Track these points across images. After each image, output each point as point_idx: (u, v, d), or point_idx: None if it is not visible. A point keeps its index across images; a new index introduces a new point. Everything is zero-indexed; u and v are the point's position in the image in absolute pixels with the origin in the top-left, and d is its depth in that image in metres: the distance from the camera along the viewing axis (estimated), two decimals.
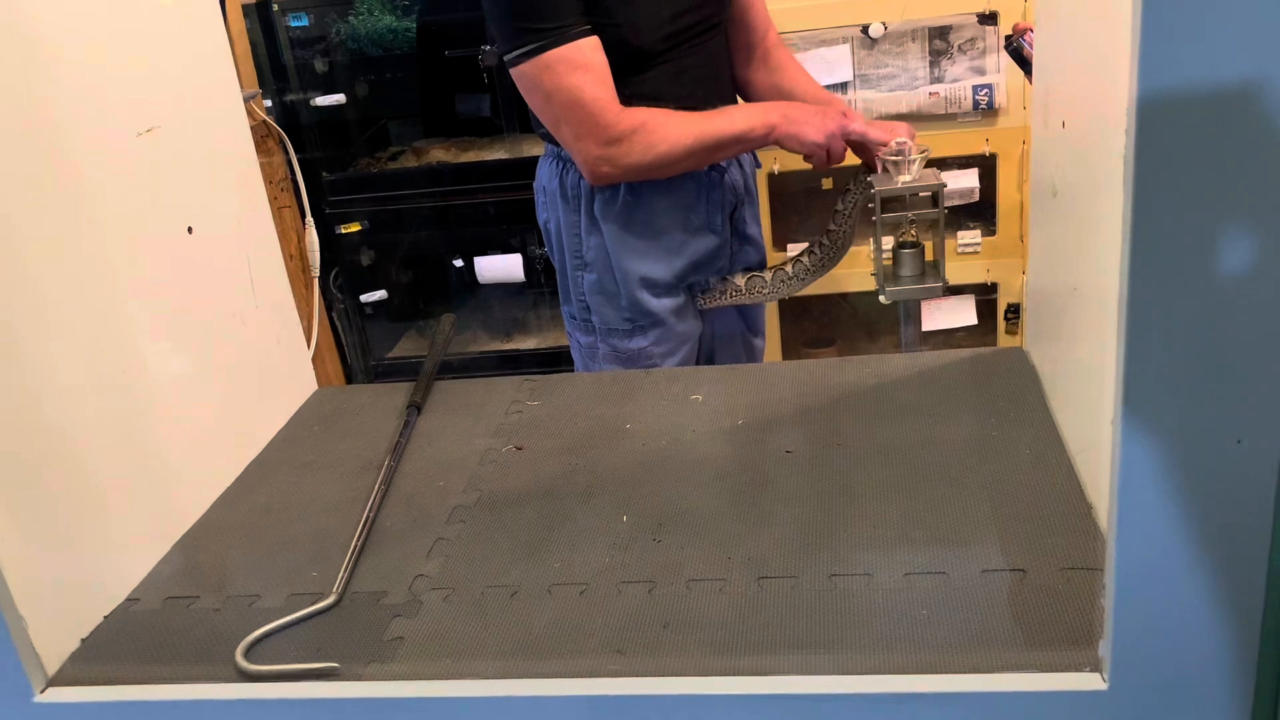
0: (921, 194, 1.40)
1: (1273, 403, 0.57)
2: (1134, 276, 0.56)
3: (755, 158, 1.69)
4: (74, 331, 0.86)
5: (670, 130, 1.43)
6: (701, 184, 1.54)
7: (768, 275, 1.58)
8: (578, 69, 1.38)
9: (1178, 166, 0.54)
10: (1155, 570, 0.61)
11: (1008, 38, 1.68)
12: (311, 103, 2.55)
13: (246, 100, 1.75)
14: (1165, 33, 0.52)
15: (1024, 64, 1.65)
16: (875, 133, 1.44)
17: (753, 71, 1.66)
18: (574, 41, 1.38)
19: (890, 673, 0.69)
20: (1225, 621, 0.62)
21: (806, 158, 1.49)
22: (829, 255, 1.55)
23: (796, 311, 2.40)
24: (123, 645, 0.83)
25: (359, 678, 0.76)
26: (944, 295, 1.53)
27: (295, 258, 2.43)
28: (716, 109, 1.50)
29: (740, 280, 1.59)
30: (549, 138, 1.57)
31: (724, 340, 1.72)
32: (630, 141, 1.41)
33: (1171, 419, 0.58)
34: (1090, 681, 0.66)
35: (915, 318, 1.61)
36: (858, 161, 1.53)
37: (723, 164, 1.56)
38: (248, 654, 0.79)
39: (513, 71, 1.42)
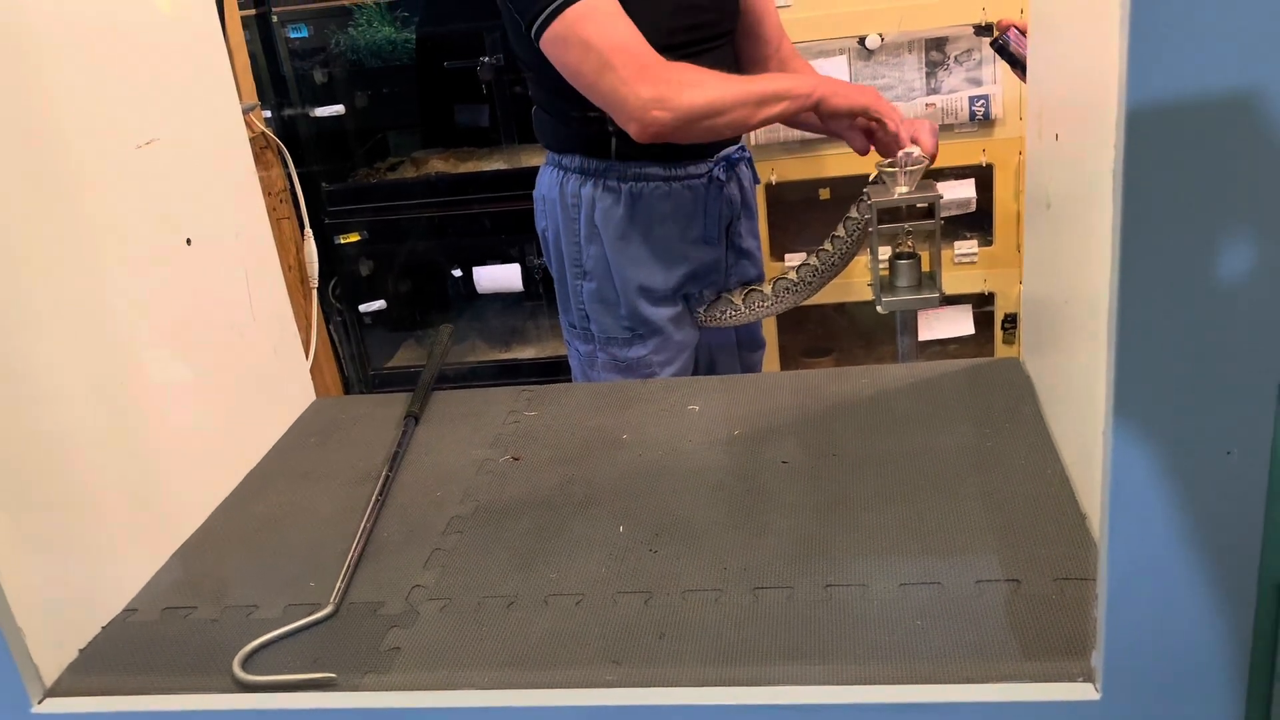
0: (918, 205, 1.40)
1: (1261, 415, 0.57)
2: (1124, 287, 0.56)
3: (754, 172, 1.69)
4: (72, 342, 0.87)
5: (714, 78, 1.38)
6: (699, 195, 1.55)
7: (767, 289, 1.58)
8: (614, 15, 1.35)
9: (1166, 179, 0.55)
10: (1147, 581, 0.62)
11: (995, 38, 1.69)
12: (311, 114, 2.56)
13: (245, 112, 1.76)
14: (1152, 47, 0.52)
15: (1011, 60, 1.66)
16: (901, 129, 1.41)
17: None
18: None
19: (885, 683, 0.70)
20: (1216, 631, 0.62)
21: (847, 131, 1.46)
22: (838, 257, 1.54)
23: (794, 321, 2.41)
24: (120, 656, 0.83)
25: (356, 688, 0.76)
26: (940, 305, 1.53)
27: (294, 268, 2.43)
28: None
29: (738, 298, 1.59)
30: (551, 145, 1.57)
31: (722, 351, 1.73)
32: (681, 83, 1.35)
33: (1162, 430, 0.59)
34: (1083, 691, 0.66)
35: (912, 328, 1.61)
36: (870, 169, 1.51)
37: (721, 177, 1.57)
38: (245, 664, 0.79)
39: (545, 37, 1.36)
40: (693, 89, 1.35)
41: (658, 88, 1.33)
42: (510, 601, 0.83)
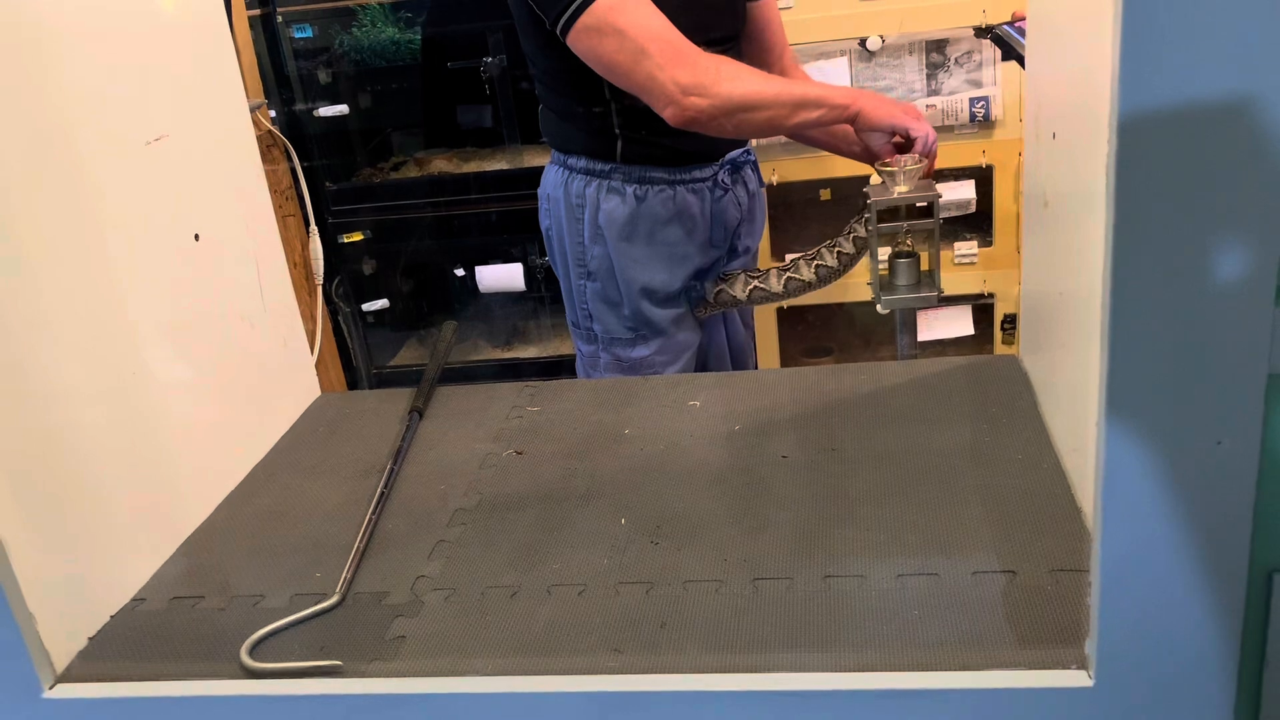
0: (918, 204, 1.42)
1: (1251, 405, 0.58)
2: (1116, 282, 0.57)
3: (759, 175, 1.70)
4: (82, 336, 0.88)
5: (753, 74, 1.38)
6: (704, 198, 1.56)
7: (778, 286, 1.58)
8: (643, 4, 1.35)
9: (1158, 178, 0.56)
10: (1139, 570, 0.63)
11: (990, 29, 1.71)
12: (315, 113, 2.57)
13: (252, 110, 1.77)
14: (1145, 51, 0.54)
15: (1004, 47, 1.67)
16: (930, 156, 1.41)
17: None
18: None
19: (883, 670, 0.71)
20: (1208, 619, 0.63)
21: (880, 147, 1.44)
22: (855, 255, 1.54)
23: (794, 321, 2.42)
24: (129, 643, 0.85)
25: (362, 675, 0.77)
26: (939, 305, 1.55)
27: (299, 265, 2.45)
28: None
29: (740, 291, 1.60)
30: (558, 145, 1.58)
31: (719, 350, 1.74)
32: (719, 73, 1.35)
33: (1154, 422, 0.60)
34: (1077, 679, 0.67)
35: (911, 327, 1.63)
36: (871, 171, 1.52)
37: (726, 181, 1.58)
38: (252, 652, 0.80)
39: (575, 29, 1.36)
40: (731, 80, 1.36)
41: (695, 75, 1.34)
42: (513, 592, 0.84)
